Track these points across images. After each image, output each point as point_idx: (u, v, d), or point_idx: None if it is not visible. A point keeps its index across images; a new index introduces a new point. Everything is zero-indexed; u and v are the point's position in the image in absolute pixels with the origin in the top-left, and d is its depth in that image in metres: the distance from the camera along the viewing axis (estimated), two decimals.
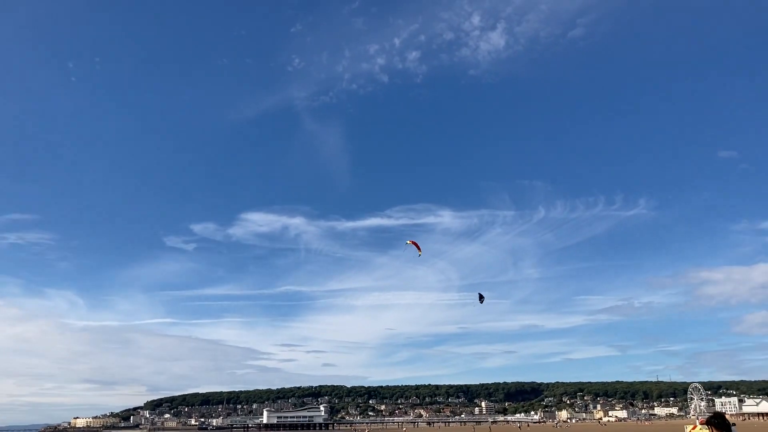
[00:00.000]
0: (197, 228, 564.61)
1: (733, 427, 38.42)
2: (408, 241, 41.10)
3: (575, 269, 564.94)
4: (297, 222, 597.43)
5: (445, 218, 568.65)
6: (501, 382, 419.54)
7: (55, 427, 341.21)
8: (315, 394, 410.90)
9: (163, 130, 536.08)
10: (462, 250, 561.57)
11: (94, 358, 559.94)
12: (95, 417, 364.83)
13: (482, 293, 42.55)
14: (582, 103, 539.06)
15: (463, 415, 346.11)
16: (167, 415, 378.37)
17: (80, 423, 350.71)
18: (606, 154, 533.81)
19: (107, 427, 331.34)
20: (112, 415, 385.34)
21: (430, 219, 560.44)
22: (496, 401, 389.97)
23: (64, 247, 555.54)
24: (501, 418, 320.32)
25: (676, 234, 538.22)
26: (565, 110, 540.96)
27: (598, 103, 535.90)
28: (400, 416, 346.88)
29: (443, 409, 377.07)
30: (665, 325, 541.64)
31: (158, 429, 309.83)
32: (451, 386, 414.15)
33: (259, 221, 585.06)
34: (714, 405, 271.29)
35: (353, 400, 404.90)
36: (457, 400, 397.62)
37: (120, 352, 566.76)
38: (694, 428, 37.17)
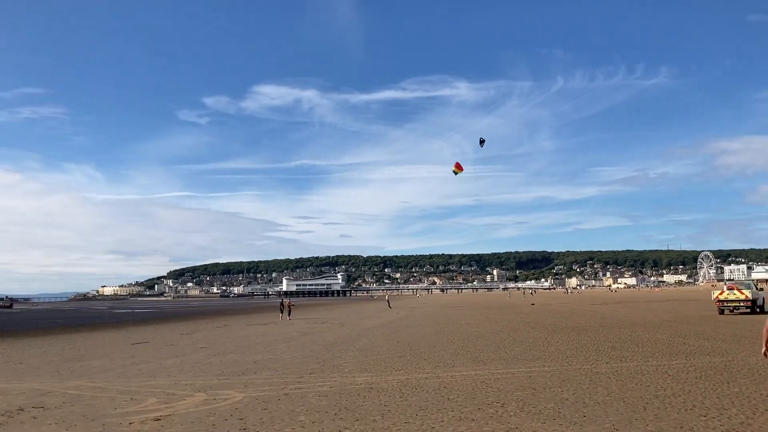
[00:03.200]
0: (210, 101, 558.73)
1: (760, 293, 36.45)
2: (455, 168, 37.81)
3: (591, 140, 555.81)
4: (310, 95, 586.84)
5: (461, 90, 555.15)
6: (513, 251, 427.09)
7: (84, 295, 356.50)
8: (332, 263, 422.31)
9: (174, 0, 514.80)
10: (477, 123, 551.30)
11: (117, 230, 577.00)
12: (121, 286, 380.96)
13: (483, 138, 39.24)
14: None
15: (475, 283, 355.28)
16: (190, 284, 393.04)
17: (107, 291, 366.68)
18: (628, 21, 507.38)
19: (133, 295, 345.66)
20: (137, 284, 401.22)
21: (445, 91, 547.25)
22: (508, 269, 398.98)
23: (78, 122, 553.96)
24: (512, 285, 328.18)
25: (696, 103, 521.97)
26: None
27: None
28: (415, 284, 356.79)
29: (456, 277, 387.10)
30: (679, 195, 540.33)
31: (182, 297, 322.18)
32: (464, 255, 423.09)
33: (271, 94, 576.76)
34: (723, 272, 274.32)
35: (369, 269, 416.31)
36: (469, 269, 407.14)
37: (141, 225, 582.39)
38: (722, 293, 35.00)
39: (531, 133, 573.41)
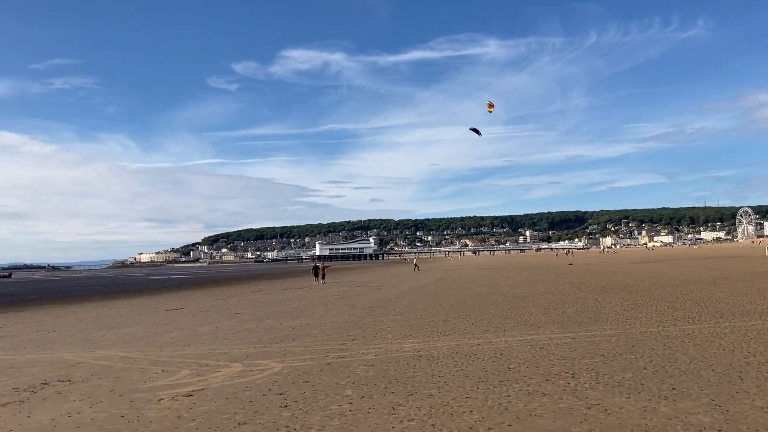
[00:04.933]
0: (238, 67, 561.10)
1: None
2: (489, 107, 36.09)
3: (625, 96, 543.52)
4: (337, 58, 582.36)
5: (491, 48, 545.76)
6: (545, 212, 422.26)
7: (123, 262, 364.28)
8: (364, 227, 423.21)
9: None
10: (508, 82, 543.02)
11: (152, 198, 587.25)
12: (158, 252, 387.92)
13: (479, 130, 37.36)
14: None
15: (507, 244, 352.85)
16: (224, 250, 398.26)
17: (144, 258, 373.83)
18: None
19: (169, 262, 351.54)
20: (173, 250, 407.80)
21: (475, 50, 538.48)
22: (540, 230, 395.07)
23: (109, 92, 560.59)
24: (545, 245, 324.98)
25: (735, 55, 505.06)
26: None
27: None
28: (447, 246, 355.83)
29: (488, 238, 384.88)
30: (716, 150, 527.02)
31: (217, 262, 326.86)
32: (495, 217, 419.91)
33: (299, 58, 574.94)
34: (763, 228, 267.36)
35: (401, 232, 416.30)
36: (501, 230, 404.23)
37: (175, 192, 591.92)
38: None
39: (563, 91, 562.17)
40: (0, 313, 30.20)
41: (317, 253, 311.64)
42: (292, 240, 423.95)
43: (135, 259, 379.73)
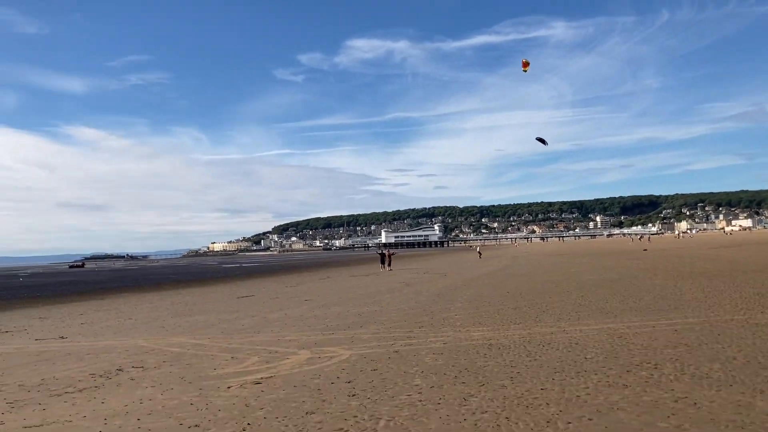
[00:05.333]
0: (304, 58, 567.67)
1: None
2: (524, 66, 35.05)
3: (700, 75, 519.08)
4: (401, 46, 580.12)
5: (558, 30, 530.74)
6: (616, 196, 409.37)
7: (196, 252, 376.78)
8: (429, 214, 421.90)
9: None
10: (576, 63, 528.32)
11: (223, 189, 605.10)
12: (230, 242, 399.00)
13: (543, 139, 36.03)
14: None
15: (577, 230, 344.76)
16: (294, 238, 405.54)
17: (217, 247, 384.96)
18: None
19: (241, 250, 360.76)
20: (245, 239, 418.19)
21: (541, 32, 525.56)
22: (612, 215, 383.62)
23: (181, 86, 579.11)
24: (617, 231, 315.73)
25: None
26: None
27: None
28: (513, 233, 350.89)
29: (556, 225, 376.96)
30: None
31: (286, 251, 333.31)
32: (564, 203, 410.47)
33: (363, 48, 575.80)
34: None
35: (466, 219, 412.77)
36: (570, 216, 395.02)
37: (245, 183, 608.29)
38: None
39: (634, 71, 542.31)
40: (83, 300, 31.51)
41: (383, 240, 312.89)
42: (358, 228, 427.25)
43: (208, 248, 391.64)
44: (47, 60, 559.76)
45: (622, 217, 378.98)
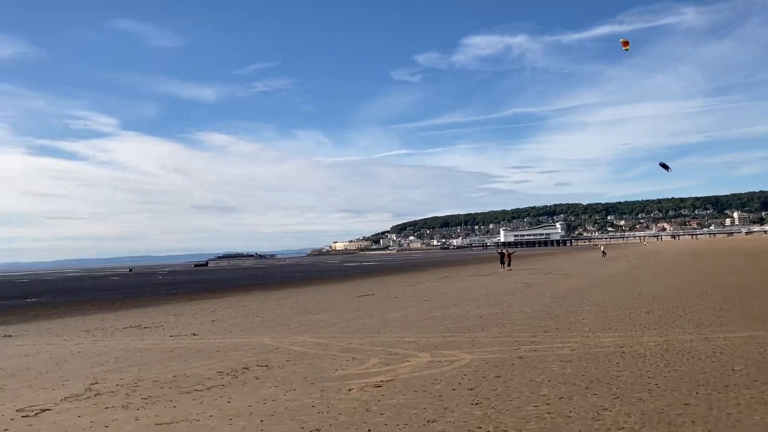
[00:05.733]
0: (421, 58, 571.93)
1: None
2: (624, 46, 33.17)
3: None
4: (519, 40, 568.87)
5: (688, 15, 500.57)
6: (756, 191, 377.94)
7: (319, 251, 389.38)
8: (550, 212, 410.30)
9: None
10: (709, 50, 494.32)
11: (344, 190, 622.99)
12: (351, 241, 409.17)
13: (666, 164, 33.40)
14: None
15: (711, 227, 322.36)
16: (411, 237, 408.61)
17: (339, 246, 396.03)
18: None
19: (362, 249, 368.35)
20: (365, 239, 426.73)
21: (669, 19, 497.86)
22: (751, 211, 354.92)
23: (304, 91, 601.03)
24: (757, 228, 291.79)
25: None
26: None
27: None
28: (641, 231, 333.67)
29: (689, 221, 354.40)
30: None
31: (405, 250, 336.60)
32: (697, 198, 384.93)
33: (480, 44, 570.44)
34: None
35: (590, 216, 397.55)
36: (704, 212, 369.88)
37: (365, 184, 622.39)
38: None
39: None
40: (214, 297, 33.19)
41: (501, 239, 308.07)
42: (476, 227, 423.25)
43: (330, 247, 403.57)
44: (181, 71, 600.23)
45: (763, 213, 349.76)
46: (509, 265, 45.81)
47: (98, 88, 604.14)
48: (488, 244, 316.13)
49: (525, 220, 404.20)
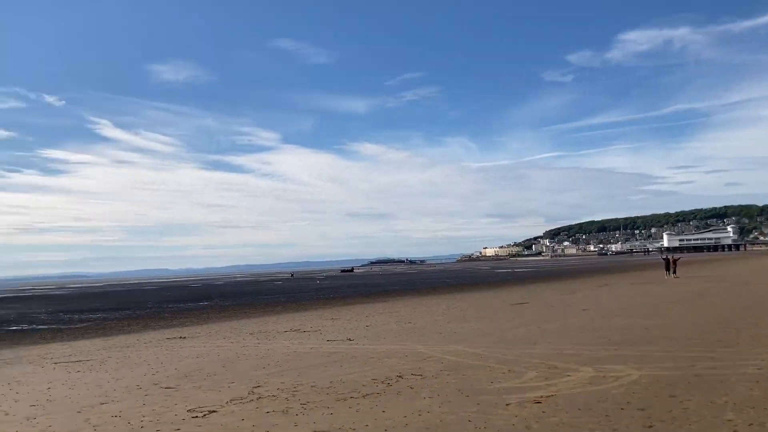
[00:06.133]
0: (573, 58, 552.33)
1: None
2: None
3: None
4: (681, 33, 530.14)
5: None
6: None
7: (469, 256, 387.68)
8: (719, 215, 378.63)
9: None
10: None
11: (493, 194, 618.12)
12: (501, 246, 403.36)
13: None
14: None
15: None
16: (566, 243, 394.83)
17: (489, 252, 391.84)
18: None
19: (512, 255, 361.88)
20: (516, 244, 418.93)
21: None
22: None
23: (451, 98, 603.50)
24: None
25: None
26: None
27: None
28: None
29: None
30: None
31: (559, 255, 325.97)
32: None
33: (638, 40, 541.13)
34: None
35: (767, 219, 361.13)
36: None
37: (515, 188, 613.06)
38: None
39: None
40: (368, 302, 33.93)
41: (665, 244, 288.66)
42: (636, 231, 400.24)
43: (480, 253, 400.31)
44: (335, 85, 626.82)
45: None
46: (675, 272, 42.63)
47: (261, 105, 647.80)
48: (650, 249, 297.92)
49: (691, 223, 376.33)
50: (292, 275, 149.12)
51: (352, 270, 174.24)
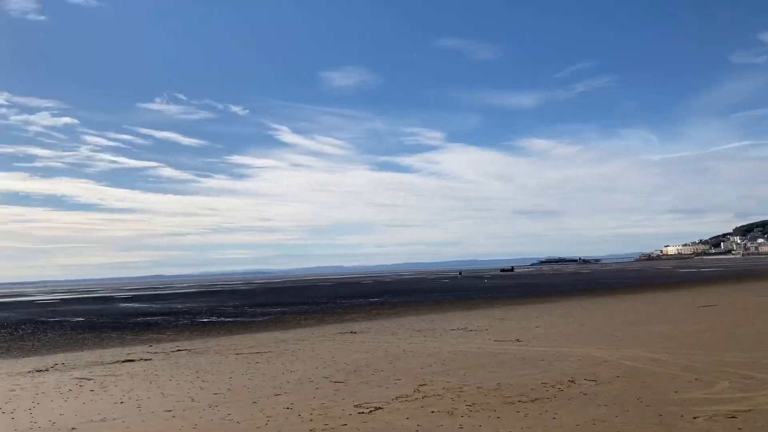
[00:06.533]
0: (767, 36, 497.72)
1: None
2: None
3: None
4: None
5: None
6: None
7: (649, 255, 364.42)
8: None
9: None
10: None
11: (675, 188, 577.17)
12: (684, 244, 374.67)
13: None
14: None
15: None
16: (761, 240, 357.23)
17: (671, 251, 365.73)
18: None
19: (698, 254, 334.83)
20: (701, 242, 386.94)
21: None
22: None
23: (628, 87, 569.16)
24: None
25: None
26: None
27: None
28: None
29: None
30: None
31: (752, 254, 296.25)
32: None
33: None
34: None
35: None
36: None
37: (700, 181, 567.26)
38: None
39: None
40: (538, 303, 32.95)
41: None
42: None
43: (661, 251, 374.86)
44: (502, 81, 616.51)
45: None
46: None
47: (426, 105, 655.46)
48: None
49: None
50: (459, 274, 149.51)
51: (512, 269, 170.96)
